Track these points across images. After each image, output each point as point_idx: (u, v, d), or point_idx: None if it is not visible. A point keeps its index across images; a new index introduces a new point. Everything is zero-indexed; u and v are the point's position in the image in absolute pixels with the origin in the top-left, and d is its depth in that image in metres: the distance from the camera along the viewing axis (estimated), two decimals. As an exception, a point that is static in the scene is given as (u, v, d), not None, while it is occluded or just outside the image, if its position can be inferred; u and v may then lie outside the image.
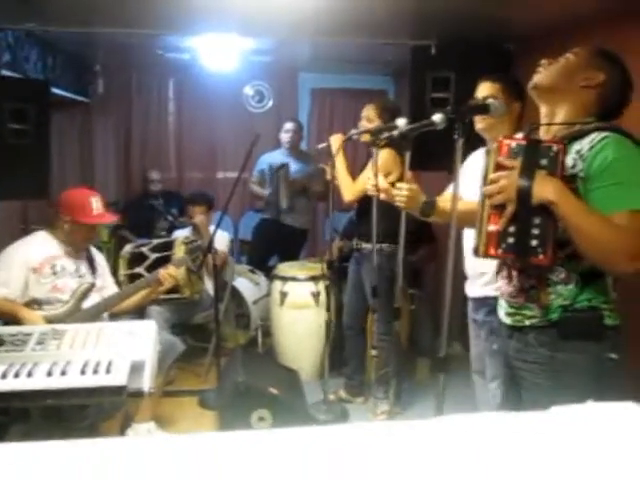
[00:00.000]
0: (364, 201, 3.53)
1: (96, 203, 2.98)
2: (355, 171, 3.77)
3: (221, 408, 3.46)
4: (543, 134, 1.83)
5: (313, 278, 4.31)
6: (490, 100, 1.93)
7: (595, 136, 1.65)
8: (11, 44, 3.69)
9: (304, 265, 4.69)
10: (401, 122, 3.14)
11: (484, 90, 2.56)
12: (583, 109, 1.76)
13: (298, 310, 4.29)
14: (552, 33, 3.27)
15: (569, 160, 1.66)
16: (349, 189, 3.60)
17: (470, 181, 2.07)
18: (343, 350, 4.13)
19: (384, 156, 3.56)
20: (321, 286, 4.24)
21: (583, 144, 1.66)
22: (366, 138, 3.43)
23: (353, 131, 3.41)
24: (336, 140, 3.54)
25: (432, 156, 3.07)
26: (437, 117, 3.21)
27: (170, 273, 3.12)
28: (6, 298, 2.77)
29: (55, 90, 4.31)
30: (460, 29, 3.52)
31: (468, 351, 2.99)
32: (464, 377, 3.06)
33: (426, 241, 4.42)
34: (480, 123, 2.53)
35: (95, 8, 3.33)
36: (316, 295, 4.26)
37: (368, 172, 3.34)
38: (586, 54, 1.79)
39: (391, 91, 6.16)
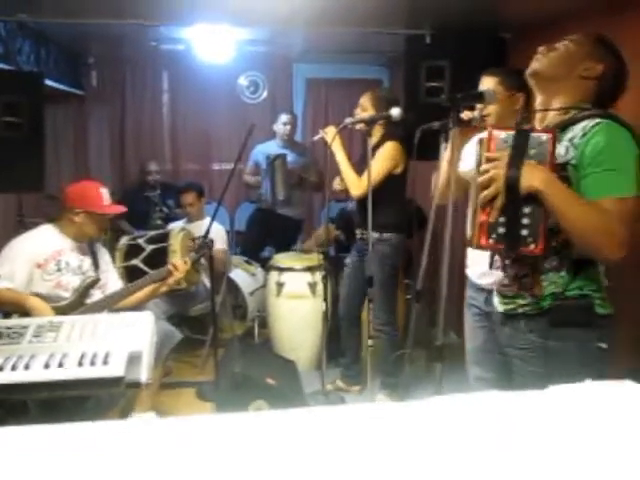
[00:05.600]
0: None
1: (105, 194, 3.02)
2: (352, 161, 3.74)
3: (219, 399, 3.46)
4: (538, 122, 1.83)
5: (309, 268, 4.31)
6: (484, 88, 1.93)
7: (587, 123, 1.65)
8: (3, 36, 3.67)
9: (300, 255, 4.69)
10: (395, 112, 3.14)
11: (485, 84, 2.54)
12: (580, 98, 1.76)
13: (295, 300, 4.29)
14: (548, 22, 3.25)
15: (561, 148, 1.66)
16: (356, 184, 3.51)
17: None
18: (340, 340, 4.13)
19: (391, 149, 3.55)
20: (318, 276, 4.23)
21: (576, 131, 1.67)
22: (362, 127, 3.42)
23: (347, 120, 3.39)
24: (330, 133, 3.49)
25: (437, 146, 3.05)
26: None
27: (183, 262, 3.14)
28: (10, 289, 2.72)
29: (49, 82, 4.29)
30: (455, 18, 3.51)
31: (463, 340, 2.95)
32: (460, 366, 3.07)
33: (421, 229, 4.42)
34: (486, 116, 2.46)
35: (88, -1, 3.32)
36: (313, 285, 4.26)
37: (375, 164, 3.35)
38: (586, 43, 1.78)
39: (386, 81, 6.14)
